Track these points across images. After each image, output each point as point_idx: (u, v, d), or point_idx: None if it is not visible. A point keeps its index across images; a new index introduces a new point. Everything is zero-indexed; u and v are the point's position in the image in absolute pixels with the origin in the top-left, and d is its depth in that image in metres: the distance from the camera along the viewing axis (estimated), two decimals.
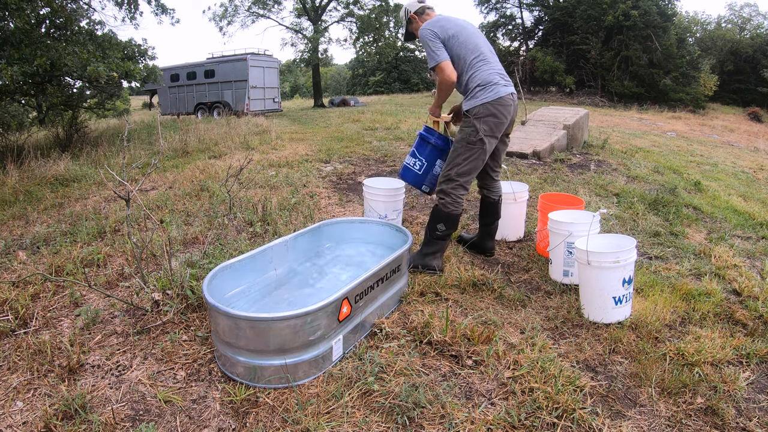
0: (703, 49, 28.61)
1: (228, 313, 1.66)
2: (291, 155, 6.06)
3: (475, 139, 2.55)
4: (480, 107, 2.54)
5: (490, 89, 2.54)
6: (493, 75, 2.59)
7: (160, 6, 10.69)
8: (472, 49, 2.61)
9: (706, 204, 4.62)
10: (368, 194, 3.20)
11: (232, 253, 2.69)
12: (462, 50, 2.59)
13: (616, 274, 2.17)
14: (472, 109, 2.56)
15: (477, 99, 2.55)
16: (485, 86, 2.55)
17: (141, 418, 1.60)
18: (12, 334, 2.09)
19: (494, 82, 2.56)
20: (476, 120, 2.55)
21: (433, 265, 2.65)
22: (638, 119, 17.19)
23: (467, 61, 2.59)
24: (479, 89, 2.55)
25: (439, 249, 2.67)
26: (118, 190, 3.02)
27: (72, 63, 6.77)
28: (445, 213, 2.61)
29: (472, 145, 2.57)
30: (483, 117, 2.54)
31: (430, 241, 2.66)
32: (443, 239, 2.65)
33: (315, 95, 24.73)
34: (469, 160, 2.58)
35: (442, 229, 2.62)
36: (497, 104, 2.54)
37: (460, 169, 2.59)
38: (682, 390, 1.77)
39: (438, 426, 1.55)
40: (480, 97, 2.54)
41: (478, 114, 2.54)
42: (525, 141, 6.24)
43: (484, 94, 2.54)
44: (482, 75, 2.57)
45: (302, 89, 49.11)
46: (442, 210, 2.62)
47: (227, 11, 23.29)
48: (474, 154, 2.58)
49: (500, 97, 2.54)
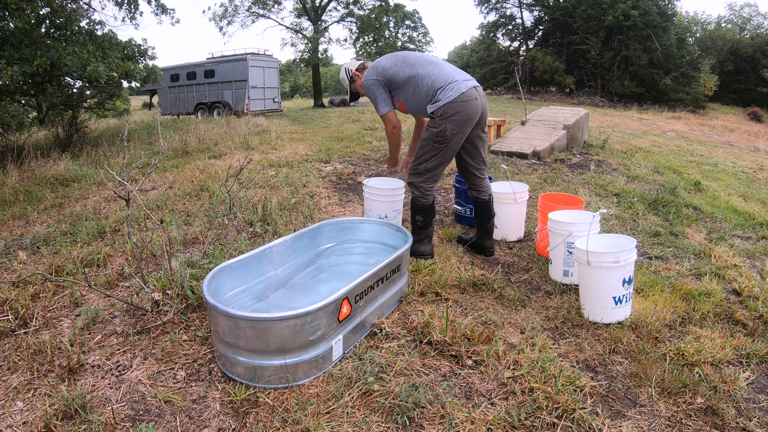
0: (703, 49, 28.62)
1: (228, 313, 1.66)
2: (291, 155, 6.06)
3: (442, 138, 2.59)
4: (444, 107, 2.54)
5: (450, 88, 2.55)
6: (450, 74, 2.60)
7: (160, 6, 10.70)
8: (417, 62, 2.65)
9: (706, 204, 4.62)
10: (368, 194, 3.20)
11: (232, 253, 2.69)
12: (408, 69, 2.64)
13: (616, 274, 2.17)
14: (437, 110, 2.57)
15: (440, 100, 2.55)
16: (444, 87, 2.56)
17: (141, 418, 1.60)
18: (12, 334, 2.09)
19: (452, 80, 2.57)
20: (441, 120, 2.56)
21: (422, 251, 2.81)
22: (638, 119, 17.19)
23: (418, 74, 2.62)
24: (440, 90, 2.57)
25: (425, 236, 2.82)
26: (118, 190, 3.02)
27: (72, 63, 6.78)
28: (418, 205, 2.76)
29: (439, 144, 2.61)
30: (449, 116, 2.55)
31: (415, 230, 2.83)
32: (425, 227, 2.81)
33: (315, 95, 24.73)
34: (436, 157, 2.65)
35: (420, 219, 2.78)
36: (461, 101, 2.53)
37: (428, 164, 2.67)
38: (682, 390, 1.77)
39: (438, 426, 1.55)
40: (442, 98, 2.54)
41: (444, 114, 2.55)
42: (525, 141, 6.24)
43: (446, 94, 2.55)
44: (438, 78, 2.58)
45: (302, 89, 49.09)
46: (415, 203, 2.77)
47: (227, 11, 23.32)
48: (440, 152, 2.63)
49: (462, 92, 2.53)
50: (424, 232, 2.81)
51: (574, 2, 26.36)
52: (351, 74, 2.86)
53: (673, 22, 25.63)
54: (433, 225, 2.85)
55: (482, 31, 32.18)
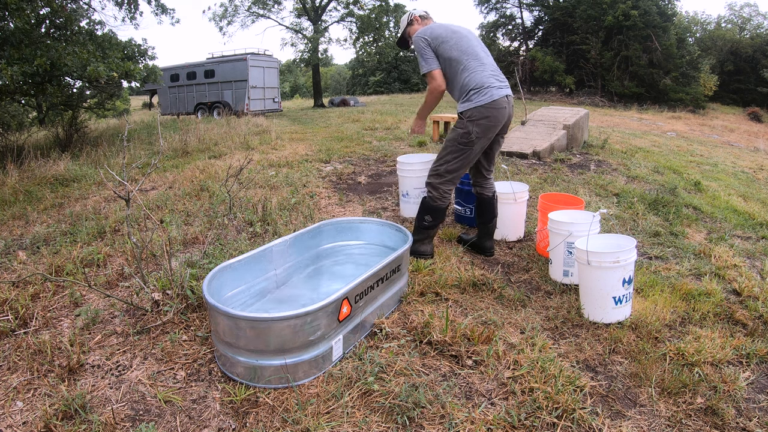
0: (703, 49, 28.62)
1: (228, 313, 1.66)
2: (291, 155, 6.06)
3: (467, 141, 2.61)
4: (473, 110, 2.57)
5: (485, 92, 2.57)
6: (488, 77, 2.61)
7: (160, 6, 10.70)
8: (465, 50, 2.63)
9: (706, 204, 4.62)
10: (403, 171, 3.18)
11: (232, 253, 2.69)
12: (455, 52, 2.62)
13: (616, 274, 2.17)
14: (466, 111, 2.59)
15: (471, 102, 2.58)
16: (479, 89, 2.58)
17: (141, 418, 1.60)
18: (12, 334, 2.09)
19: (489, 85, 2.59)
20: (469, 122, 2.58)
21: (422, 251, 2.80)
22: (638, 119, 17.19)
23: (461, 63, 2.62)
24: (474, 92, 2.58)
25: (427, 236, 2.81)
26: (118, 190, 3.02)
27: (72, 63, 6.78)
28: (433, 206, 2.73)
29: (463, 146, 2.63)
30: (476, 120, 2.57)
31: (418, 229, 2.80)
32: (430, 228, 2.79)
33: (315, 95, 24.72)
34: (458, 159, 2.65)
35: (429, 220, 2.76)
36: (491, 107, 2.57)
37: (450, 166, 2.67)
38: (682, 390, 1.77)
39: (438, 426, 1.55)
40: (474, 100, 2.57)
41: (472, 117, 2.58)
42: (525, 141, 6.23)
43: (479, 98, 2.57)
44: (477, 77, 2.60)
45: (302, 89, 49.11)
46: (430, 203, 2.74)
47: (227, 11, 23.29)
48: (463, 154, 2.64)
49: (494, 100, 2.56)
50: (427, 233, 2.80)
51: (574, 2, 26.35)
52: (412, 17, 2.86)
53: (673, 22, 25.62)
54: (437, 228, 2.85)
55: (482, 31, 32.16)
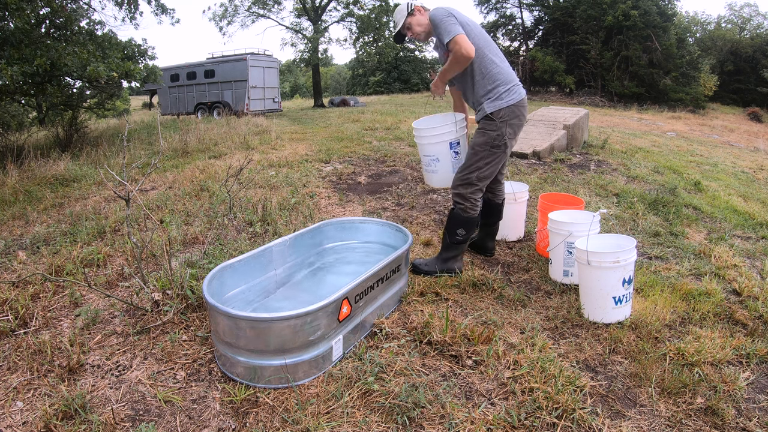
0: (703, 49, 28.61)
1: (228, 313, 1.66)
2: (291, 155, 6.06)
3: (500, 143, 2.47)
4: (506, 110, 2.44)
5: (514, 90, 2.47)
6: (512, 74, 2.50)
7: (160, 6, 10.70)
8: (488, 41, 2.48)
9: (706, 204, 4.61)
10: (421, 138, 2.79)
11: (232, 253, 2.69)
12: (481, 41, 2.44)
13: (616, 274, 2.17)
14: (498, 111, 2.45)
15: (502, 101, 2.44)
16: (509, 87, 2.45)
17: (141, 418, 1.60)
18: (12, 334, 2.09)
19: (516, 82, 2.49)
20: (502, 123, 2.45)
21: (454, 268, 2.62)
22: (638, 119, 17.19)
23: (484, 53, 2.45)
24: (503, 89, 2.44)
25: (460, 252, 2.63)
26: (118, 190, 3.02)
27: (72, 63, 6.78)
28: (465, 218, 2.55)
29: (497, 149, 2.48)
30: (509, 120, 2.46)
31: (450, 246, 2.60)
32: (463, 242, 2.59)
33: (315, 95, 24.73)
34: (491, 165, 2.50)
35: (462, 233, 2.56)
36: (521, 106, 2.48)
37: (482, 173, 2.50)
38: (682, 390, 1.77)
39: (438, 426, 1.55)
40: (506, 98, 2.44)
41: (505, 117, 2.44)
42: (525, 141, 6.23)
43: (509, 96, 2.44)
44: (504, 73, 2.47)
45: (302, 89, 49.10)
46: (462, 215, 2.55)
47: (227, 11, 23.29)
48: (497, 158, 2.50)
49: (522, 98, 2.49)
50: (460, 248, 2.60)
51: (574, 2, 26.35)
52: (414, 7, 2.60)
53: (673, 22, 25.62)
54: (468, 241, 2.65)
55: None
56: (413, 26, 2.59)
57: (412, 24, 2.59)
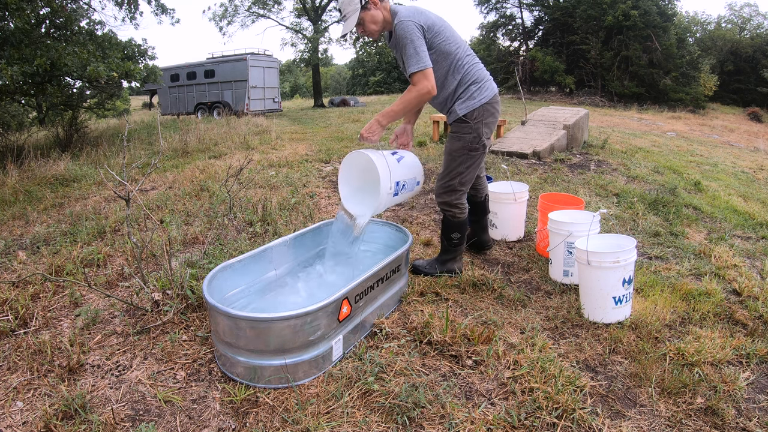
0: (703, 49, 28.63)
1: (228, 313, 1.66)
2: (291, 155, 6.06)
3: (478, 145, 2.41)
4: (480, 110, 2.37)
5: (486, 87, 2.39)
6: (484, 70, 2.43)
7: (160, 6, 10.71)
8: (459, 42, 2.34)
9: (706, 204, 4.61)
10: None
11: (232, 253, 2.69)
12: (452, 46, 2.30)
13: (616, 274, 2.17)
14: (472, 113, 2.37)
15: (475, 100, 2.36)
16: (480, 84, 2.37)
17: (141, 418, 1.60)
18: (12, 334, 2.09)
19: (487, 78, 2.41)
20: (478, 124, 2.38)
21: (454, 268, 2.64)
22: (638, 119, 17.19)
23: (456, 58, 2.32)
24: (475, 88, 2.36)
25: (458, 253, 2.66)
26: (118, 190, 3.02)
27: (72, 63, 6.78)
28: (456, 222, 2.56)
29: (475, 152, 2.42)
30: (484, 119, 2.39)
31: (449, 249, 2.63)
32: (461, 244, 2.62)
33: (315, 95, 24.73)
34: (471, 168, 2.46)
35: (458, 236, 2.58)
36: (494, 102, 2.42)
37: (464, 177, 2.47)
38: (682, 390, 1.77)
39: (438, 426, 1.55)
40: (478, 97, 2.37)
41: (479, 117, 2.37)
42: (525, 141, 6.23)
43: (482, 94, 2.37)
44: (476, 71, 2.38)
45: (302, 89, 49.10)
46: (452, 220, 2.56)
47: (227, 11, 23.31)
48: (476, 161, 2.45)
49: (495, 93, 2.43)
50: (458, 249, 2.63)
51: (574, 2, 26.36)
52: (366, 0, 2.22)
53: (673, 22, 25.64)
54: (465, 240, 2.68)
55: (482, 31, 32.18)
56: (366, 23, 2.27)
57: (365, 20, 2.26)
